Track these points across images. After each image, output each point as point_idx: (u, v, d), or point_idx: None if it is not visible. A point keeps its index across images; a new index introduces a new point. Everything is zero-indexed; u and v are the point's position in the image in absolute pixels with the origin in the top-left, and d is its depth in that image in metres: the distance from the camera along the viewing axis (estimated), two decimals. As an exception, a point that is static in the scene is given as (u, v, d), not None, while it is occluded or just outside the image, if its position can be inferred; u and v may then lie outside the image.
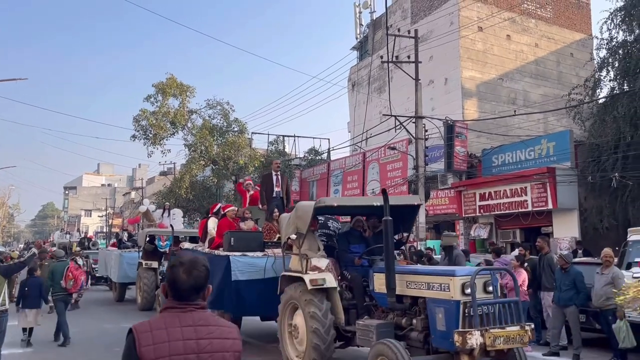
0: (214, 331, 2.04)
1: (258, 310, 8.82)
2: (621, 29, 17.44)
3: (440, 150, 20.45)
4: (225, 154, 27.62)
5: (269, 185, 10.29)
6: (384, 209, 6.05)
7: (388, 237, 5.93)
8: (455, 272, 5.57)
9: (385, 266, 5.95)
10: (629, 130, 15.23)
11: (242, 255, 8.21)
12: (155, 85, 27.76)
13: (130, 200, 66.66)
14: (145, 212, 20.13)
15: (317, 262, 6.94)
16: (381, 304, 6.46)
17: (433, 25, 23.73)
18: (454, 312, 5.36)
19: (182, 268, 2.09)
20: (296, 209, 7.38)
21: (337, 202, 7.36)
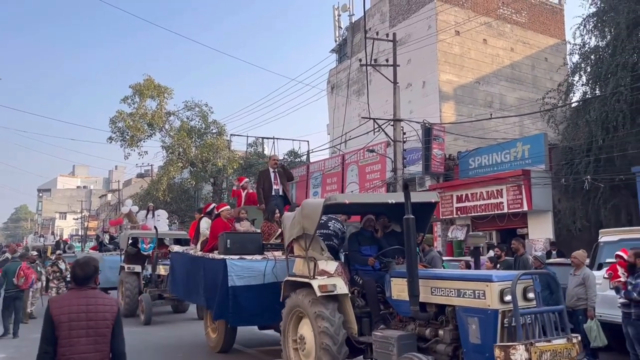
0: (98, 301, 3.44)
1: (257, 319, 7.97)
2: (593, 35, 17.85)
3: (418, 153, 20.66)
4: (203, 155, 27.48)
5: (267, 183, 9.51)
6: (405, 206, 5.42)
7: (410, 238, 5.36)
8: (492, 277, 4.92)
9: (408, 270, 5.35)
10: (600, 134, 15.59)
11: (239, 258, 7.51)
12: (132, 86, 27.50)
13: (106, 202, 65.69)
14: (128, 213, 19.54)
15: (325, 266, 6.34)
16: (400, 312, 5.87)
17: (411, 28, 23.97)
18: (491, 323, 4.75)
19: (78, 267, 3.51)
20: (302, 207, 6.69)
21: (349, 199, 6.62)
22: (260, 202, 9.40)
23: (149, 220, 17.55)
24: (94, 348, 3.30)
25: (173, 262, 10.29)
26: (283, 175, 9.73)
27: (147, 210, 18.98)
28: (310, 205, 6.64)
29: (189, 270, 9.06)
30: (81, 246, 42.50)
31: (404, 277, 5.57)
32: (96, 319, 3.34)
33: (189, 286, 9.14)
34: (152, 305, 12.59)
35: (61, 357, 3.25)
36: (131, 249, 14.36)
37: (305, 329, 6.37)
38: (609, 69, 16.01)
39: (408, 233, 5.39)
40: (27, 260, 12.81)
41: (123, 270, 14.09)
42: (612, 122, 15.33)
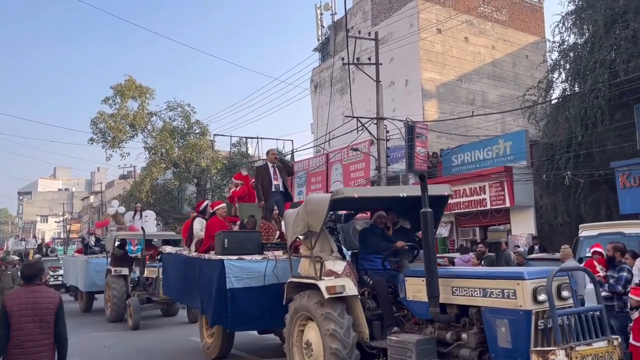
0: (43, 294, 4.26)
1: (258, 323, 7.47)
2: (572, 32, 18.10)
3: (402, 151, 20.76)
4: (186, 156, 27.29)
5: (266, 178, 8.95)
6: (422, 199, 5.03)
7: (428, 233, 4.95)
8: (524, 275, 4.48)
9: (426, 269, 4.92)
10: (579, 130, 15.82)
11: (238, 259, 7.03)
12: (113, 87, 27.18)
13: (89, 205, 64.91)
14: (115, 214, 18.79)
15: (332, 266, 5.96)
16: (416, 314, 5.51)
17: (393, 27, 24.07)
18: (524, 325, 4.34)
19: (25, 268, 4.45)
20: (306, 203, 6.25)
21: (358, 193, 6.05)
22: (260, 199, 8.89)
23: (137, 221, 17.04)
24: (39, 332, 4.11)
25: (166, 264, 9.90)
26: (283, 170, 9.20)
27: (134, 211, 18.48)
28: (315, 201, 6.20)
29: (183, 272, 8.64)
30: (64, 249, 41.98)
31: (420, 277, 5.21)
32: (41, 308, 4.15)
33: (183, 289, 8.73)
34: (141, 309, 12.23)
35: (14, 339, 4.08)
36: (118, 251, 13.91)
37: (311, 334, 5.96)
38: (588, 66, 16.25)
39: (426, 228, 4.98)
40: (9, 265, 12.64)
41: (109, 273, 13.60)
42: (591, 118, 15.57)
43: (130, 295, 12.91)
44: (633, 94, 15.41)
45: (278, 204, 8.61)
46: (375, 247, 6.25)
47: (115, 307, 13.00)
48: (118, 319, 12.91)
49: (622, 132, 15.73)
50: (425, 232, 5.01)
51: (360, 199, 6.14)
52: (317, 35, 31.93)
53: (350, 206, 7.04)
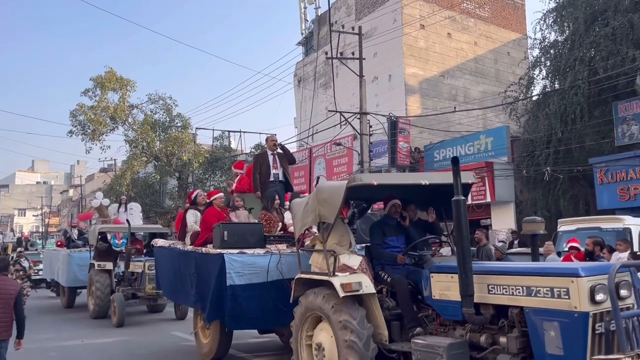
0: (6, 284, 5.41)
1: (259, 322, 6.92)
2: (553, 30, 18.34)
3: (384, 146, 20.83)
4: (168, 149, 27.07)
5: (265, 166, 8.37)
6: (455, 186, 4.52)
7: (462, 224, 4.43)
8: (579, 271, 3.94)
9: (460, 264, 4.39)
10: (559, 126, 16.05)
11: (239, 253, 6.49)
12: (93, 78, 26.79)
13: (68, 198, 64.02)
14: (99, 206, 18.06)
15: (347, 260, 5.45)
16: (443, 314, 4.99)
17: (377, 22, 24.08)
18: (579, 329, 3.82)
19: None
20: (317, 192, 5.71)
21: (378, 180, 5.39)
22: (257, 189, 8.30)
23: (122, 214, 16.37)
24: (2, 311, 5.30)
25: (158, 259, 9.24)
26: (283, 158, 8.59)
27: (119, 203, 17.75)
28: (329, 189, 5.66)
29: (176, 267, 8.03)
30: (42, 243, 41.35)
31: (449, 273, 4.78)
32: (5, 294, 5.31)
33: (176, 285, 8.12)
34: (126, 305, 11.77)
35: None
36: (102, 244, 13.36)
37: (323, 336, 5.46)
38: (568, 63, 16.49)
39: (459, 217, 4.47)
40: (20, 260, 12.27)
41: (93, 267, 13.07)
42: (571, 115, 15.81)
43: (115, 290, 12.45)
44: (611, 92, 15.68)
45: (278, 193, 8.06)
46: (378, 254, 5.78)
47: (99, 303, 12.53)
48: (102, 316, 12.47)
49: (601, 128, 16.01)
50: (459, 223, 4.48)
51: (381, 187, 5.50)
52: (301, 29, 31.84)
53: (364, 195, 6.39)
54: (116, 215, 16.62)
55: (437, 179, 5.50)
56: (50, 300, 17.30)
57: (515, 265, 5.34)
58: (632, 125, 15.36)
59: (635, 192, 14.43)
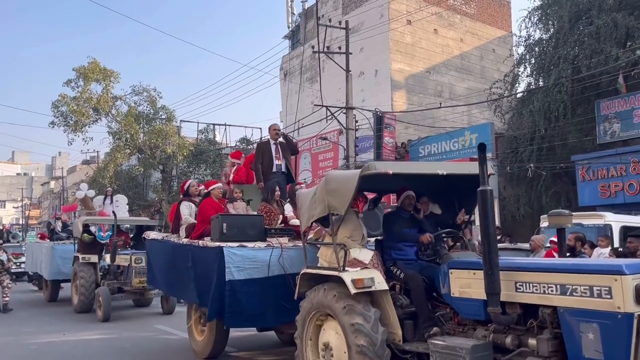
0: None
1: (260, 319, 6.53)
2: (538, 28, 18.53)
3: (370, 141, 20.88)
4: (152, 142, 26.79)
5: (267, 156, 7.97)
6: (481, 174, 4.15)
7: (488, 216, 4.05)
8: (623, 268, 3.60)
9: (486, 260, 4.07)
10: (543, 123, 16.24)
11: (239, 246, 6.14)
12: (76, 69, 26.37)
13: (49, 190, 63.13)
14: (84, 198, 17.72)
15: (357, 254, 5.11)
16: (463, 313, 4.67)
17: (364, 16, 24.06)
18: (622, 332, 3.52)
19: None
20: (327, 181, 5.34)
21: (393, 169, 4.96)
22: (259, 180, 7.89)
23: (107, 206, 15.91)
24: None
25: (150, 252, 8.77)
26: (286, 148, 8.21)
27: (104, 195, 17.28)
28: (339, 178, 5.32)
29: (171, 261, 7.65)
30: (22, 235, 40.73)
31: (470, 269, 4.51)
32: None
33: (171, 280, 7.75)
34: (112, 299, 11.45)
35: None
36: (86, 237, 12.94)
37: (331, 335, 5.10)
38: (552, 61, 16.66)
39: (485, 209, 4.08)
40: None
41: (77, 260, 12.71)
42: (554, 112, 15.99)
43: (100, 284, 12.15)
44: (594, 90, 15.90)
45: (280, 185, 7.66)
46: (401, 235, 5.42)
47: (84, 297, 12.17)
48: (86, 310, 12.11)
49: (583, 126, 16.23)
50: (485, 215, 4.07)
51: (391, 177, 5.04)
52: (288, 22, 31.68)
53: (375, 186, 5.94)
54: (101, 207, 16.28)
55: (454, 168, 5.15)
56: (32, 294, 17.01)
57: (548, 261, 5.03)
58: (613, 123, 15.60)
59: (616, 189, 14.66)
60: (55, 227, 17.21)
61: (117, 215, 12.66)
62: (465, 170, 5.21)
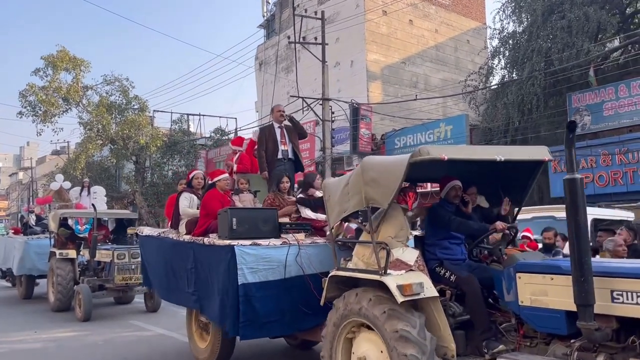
0: None
1: (276, 327, 5.61)
2: (512, 20, 18.70)
3: (346, 132, 20.87)
4: (124, 132, 26.26)
5: (272, 142, 7.12)
6: (568, 160, 3.58)
7: (579, 209, 3.43)
8: None
9: (576, 264, 3.41)
10: (516, 115, 16.46)
11: (252, 244, 5.36)
12: (44, 57, 25.59)
13: (17, 181, 61.52)
14: (59, 190, 16.93)
15: (401, 255, 4.34)
16: (536, 325, 3.97)
17: (340, 7, 23.93)
18: None
19: None
20: (365, 169, 4.53)
21: (448, 155, 4.10)
22: (263, 169, 7.11)
23: (84, 198, 15.33)
24: None
25: (144, 250, 7.90)
26: (293, 132, 7.34)
27: (81, 186, 16.57)
28: (381, 165, 4.51)
29: (168, 261, 6.81)
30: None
31: (546, 273, 3.83)
32: None
33: (169, 283, 6.87)
34: (92, 297, 10.72)
35: None
36: (63, 231, 12.11)
37: (369, 348, 4.36)
38: (525, 54, 16.86)
39: (575, 202, 3.44)
40: None
41: (54, 256, 11.93)
42: (527, 105, 16.22)
43: (78, 281, 11.40)
44: (566, 83, 16.15)
45: (288, 173, 6.86)
46: (460, 226, 4.61)
47: (61, 295, 11.50)
48: (64, 308, 11.48)
49: (555, 119, 16.50)
50: (574, 208, 3.45)
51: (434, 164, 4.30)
52: (263, 11, 31.31)
53: (414, 175, 4.86)
54: (78, 199, 15.71)
55: (512, 153, 4.44)
56: (5, 291, 16.32)
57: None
58: (584, 116, 15.90)
59: (586, 181, 14.96)
60: (28, 221, 16.51)
61: (96, 208, 12.08)
62: (525, 156, 4.53)
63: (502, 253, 4.71)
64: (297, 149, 7.33)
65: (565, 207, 3.55)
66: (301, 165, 7.44)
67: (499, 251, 4.77)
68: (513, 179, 4.82)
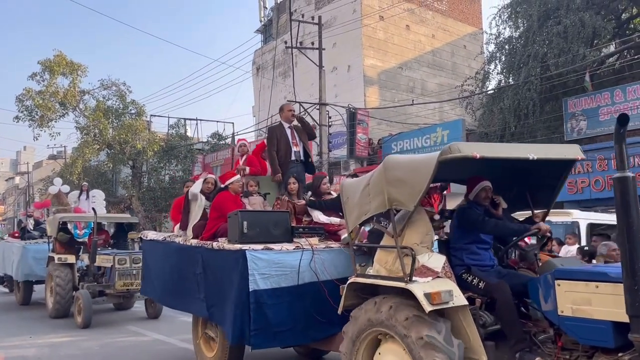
0: None
1: (289, 338, 5.33)
2: (508, 25, 18.78)
3: (343, 137, 20.90)
4: (121, 137, 26.21)
5: (283, 142, 6.82)
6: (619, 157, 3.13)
7: (632, 212, 3.11)
8: None
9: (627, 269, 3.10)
10: (513, 120, 16.51)
11: (264, 249, 5.11)
12: (41, 62, 25.57)
13: (14, 186, 61.34)
14: (57, 193, 16.69)
15: (426, 260, 4.09)
16: (579, 337, 3.65)
17: (337, 12, 24.01)
18: None
19: None
20: (386, 168, 4.25)
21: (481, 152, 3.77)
22: (276, 171, 6.76)
23: (83, 202, 15.13)
24: None
25: (148, 255, 7.58)
26: (302, 132, 7.04)
27: (80, 190, 16.38)
28: (406, 164, 4.22)
29: (174, 267, 6.50)
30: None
31: (590, 280, 3.53)
32: None
33: (174, 289, 6.54)
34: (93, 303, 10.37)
35: None
36: (62, 235, 11.85)
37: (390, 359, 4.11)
38: (521, 59, 16.92)
39: (626, 203, 3.12)
40: None
41: (52, 261, 11.66)
42: (524, 110, 16.28)
43: (77, 286, 11.14)
44: (562, 88, 16.22)
45: (299, 175, 6.59)
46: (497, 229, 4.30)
47: (59, 301, 11.17)
48: (62, 315, 11.16)
49: (551, 123, 16.57)
50: (626, 209, 3.13)
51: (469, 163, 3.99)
52: (260, 16, 31.40)
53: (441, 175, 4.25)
54: (77, 203, 15.50)
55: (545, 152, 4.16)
56: (3, 297, 16.08)
57: None
58: (580, 120, 15.95)
59: (582, 185, 15.02)
60: (26, 225, 16.23)
61: (96, 212, 11.79)
62: (558, 155, 4.22)
63: (537, 258, 4.42)
64: (309, 149, 7.07)
65: (616, 208, 3.29)
66: (312, 167, 7.18)
67: (534, 256, 4.44)
68: (540, 179, 4.54)
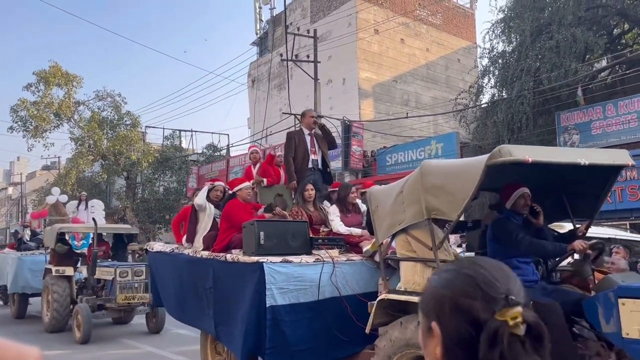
0: None
1: (309, 356, 4.89)
2: (501, 40, 19.00)
3: (338, 149, 20.95)
4: (116, 148, 26.22)
5: (301, 149, 6.52)
6: None
7: None
8: None
9: None
10: (506, 134, 16.63)
11: (283, 261, 4.72)
12: (36, 73, 25.61)
13: (7, 196, 60.95)
14: (55, 203, 16.41)
15: None
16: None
17: (332, 25, 24.21)
18: None
19: None
20: (423, 174, 3.94)
21: (533, 156, 3.37)
22: (291, 179, 6.48)
23: (81, 212, 14.88)
24: None
25: (155, 268, 7.18)
26: (322, 140, 6.75)
27: (78, 200, 16.10)
28: (447, 169, 3.89)
29: (183, 281, 6.13)
30: (-22, 244, 39.17)
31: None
32: None
33: (184, 304, 6.20)
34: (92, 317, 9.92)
35: None
36: (60, 246, 11.38)
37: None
38: (515, 73, 17.10)
39: None
40: None
41: (49, 273, 11.16)
42: (517, 123, 16.41)
43: (76, 300, 10.62)
44: (555, 102, 16.38)
45: (317, 184, 6.22)
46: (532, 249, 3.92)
47: (57, 314, 10.61)
48: (59, 329, 10.61)
49: (544, 137, 16.70)
50: None
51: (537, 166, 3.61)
52: (256, 29, 31.60)
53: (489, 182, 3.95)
54: (75, 213, 15.26)
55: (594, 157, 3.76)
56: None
57: None
58: (573, 134, 16.09)
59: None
60: (23, 236, 15.68)
61: (96, 222, 11.35)
62: (608, 160, 3.82)
63: (592, 273, 3.99)
64: (327, 158, 6.82)
65: None
66: (330, 177, 6.90)
67: (590, 270, 4.00)
68: (582, 187, 4.18)
